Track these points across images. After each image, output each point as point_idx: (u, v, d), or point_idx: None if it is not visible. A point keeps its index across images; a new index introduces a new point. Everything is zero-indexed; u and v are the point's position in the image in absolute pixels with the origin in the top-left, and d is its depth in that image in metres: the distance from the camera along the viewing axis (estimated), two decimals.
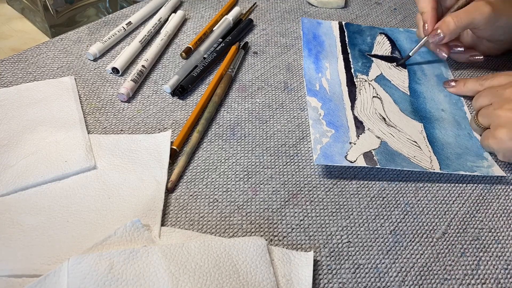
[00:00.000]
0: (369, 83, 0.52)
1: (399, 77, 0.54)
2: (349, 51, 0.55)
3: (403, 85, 0.53)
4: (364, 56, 0.56)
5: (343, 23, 0.60)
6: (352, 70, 0.53)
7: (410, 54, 0.53)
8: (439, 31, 0.49)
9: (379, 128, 0.46)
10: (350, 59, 0.54)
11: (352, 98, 0.49)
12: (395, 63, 0.54)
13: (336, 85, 0.51)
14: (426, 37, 0.51)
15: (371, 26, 0.60)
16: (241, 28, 0.57)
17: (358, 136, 0.45)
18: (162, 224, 0.37)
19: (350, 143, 0.44)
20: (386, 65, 0.55)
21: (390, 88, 0.52)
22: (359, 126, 0.46)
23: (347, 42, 0.57)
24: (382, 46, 0.57)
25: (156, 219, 0.37)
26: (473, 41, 0.54)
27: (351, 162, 0.41)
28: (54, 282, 0.31)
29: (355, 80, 0.52)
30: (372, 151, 0.43)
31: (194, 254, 0.34)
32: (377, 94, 0.50)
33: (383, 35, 0.59)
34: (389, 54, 0.56)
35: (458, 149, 0.46)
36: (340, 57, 0.55)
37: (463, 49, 0.53)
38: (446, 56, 0.52)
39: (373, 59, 0.55)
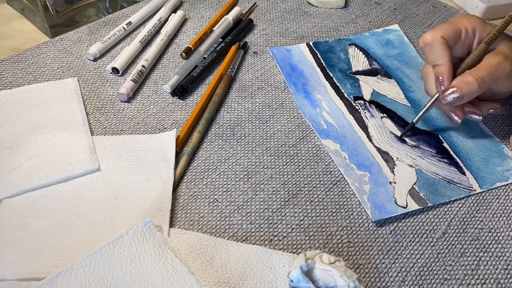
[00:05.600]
0: (369, 104, 0.50)
1: (391, 89, 0.52)
2: (331, 75, 0.53)
3: (400, 98, 0.51)
4: (348, 75, 0.53)
5: (311, 43, 0.57)
6: (346, 95, 0.50)
7: (414, 121, 0.45)
8: (457, 92, 0.41)
9: (406, 154, 0.45)
10: (337, 83, 0.52)
11: (363, 126, 0.47)
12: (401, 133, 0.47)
13: (340, 116, 0.48)
14: (437, 95, 0.43)
15: (338, 39, 0.58)
16: (241, 28, 0.57)
17: (393, 171, 0.43)
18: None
19: (390, 182, 0.42)
20: (372, 79, 0.53)
21: (391, 103, 0.50)
22: (387, 158, 0.44)
23: (324, 65, 0.54)
24: (358, 60, 0.55)
25: (164, 220, 0.37)
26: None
27: (404, 207, 0.40)
28: (66, 280, 0.31)
29: (354, 105, 0.49)
30: (415, 187, 0.42)
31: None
32: (383, 114, 0.49)
33: (353, 47, 0.57)
34: (368, 66, 0.55)
35: (482, 153, 0.46)
36: (326, 84, 0.51)
37: (481, 118, 0.45)
38: (460, 122, 0.44)
39: (357, 76, 0.53)
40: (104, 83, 0.49)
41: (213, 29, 0.57)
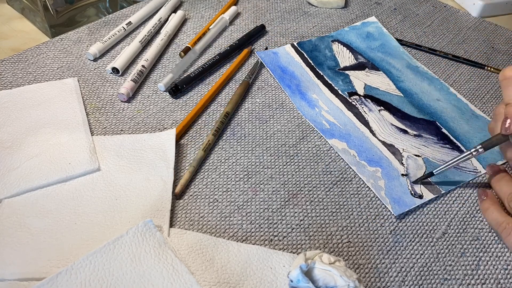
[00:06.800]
0: (365, 98, 0.50)
1: (382, 81, 0.53)
2: (321, 73, 0.52)
3: (392, 89, 0.52)
4: (338, 72, 0.53)
5: (295, 43, 0.56)
6: (340, 92, 0.50)
7: (434, 172, 0.41)
8: None
9: (411, 144, 0.45)
10: (329, 81, 0.52)
11: (364, 122, 0.47)
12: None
13: (339, 114, 0.48)
14: (499, 135, 0.39)
15: (320, 37, 0.58)
16: (251, 33, 0.57)
17: (401, 163, 0.43)
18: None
19: (403, 175, 0.42)
20: (361, 73, 0.53)
21: (384, 95, 0.51)
22: (394, 151, 0.45)
23: (312, 64, 0.54)
24: (343, 56, 0.56)
25: (164, 220, 0.36)
26: None
27: (420, 198, 0.41)
28: (66, 280, 0.31)
29: (350, 101, 0.50)
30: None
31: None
32: (380, 107, 0.49)
33: (337, 43, 0.57)
34: (354, 61, 0.55)
35: (478, 134, 0.47)
36: (319, 82, 0.51)
37: None
38: None
39: (347, 72, 0.53)
40: (104, 83, 0.49)
41: (209, 28, 0.57)
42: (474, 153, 0.39)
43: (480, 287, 0.36)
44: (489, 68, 0.55)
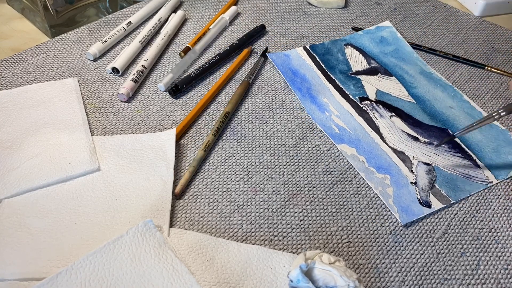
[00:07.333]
0: (376, 104, 0.50)
1: (394, 87, 0.52)
2: (333, 77, 0.52)
3: (404, 95, 0.51)
4: (349, 76, 0.53)
5: (308, 46, 0.56)
6: (351, 96, 0.50)
7: (455, 134, 0.44)
8: None
9: (421, 152, 0.45)
10: (341, 85, 0.51)
11: (374, 127, 0.47)
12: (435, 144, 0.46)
13: (349, 119, 0.47)
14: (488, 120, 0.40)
15: (333, 40, 0.57)
16: (251, 33, 0.57)
17: (411, 170, 0.43)
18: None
19: (412, 183, 0.42)
20: (374, 78, 0.53)
21: (396, 101, 0.50)
22: (404, 158, 0.44)
23: (324, 67, 0.53)
24: (356, 60, 0.55)
25: (164, 220, 0.36)
26: None
27: (429, 207, 0.40)
28: (66, 280, 0.31)
29: (361, 106, 0.49)
30: (435, 184, 0.42)
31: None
32: (392, 113, 0.49)
33: (349, 47, 0.57)
34: (367, 65, 0.55)
35: (491, 144, 0.46)
36: (330, 86, 0.51)
37: None
38: None
39: (359, 76, 0.53)
40: (104, 83, 0.49)
41: (209, 28, 0.57)
42: (496, 116, 0.39)
43: (480, 287, 0.36)
44: (489, 68, 0.55)
